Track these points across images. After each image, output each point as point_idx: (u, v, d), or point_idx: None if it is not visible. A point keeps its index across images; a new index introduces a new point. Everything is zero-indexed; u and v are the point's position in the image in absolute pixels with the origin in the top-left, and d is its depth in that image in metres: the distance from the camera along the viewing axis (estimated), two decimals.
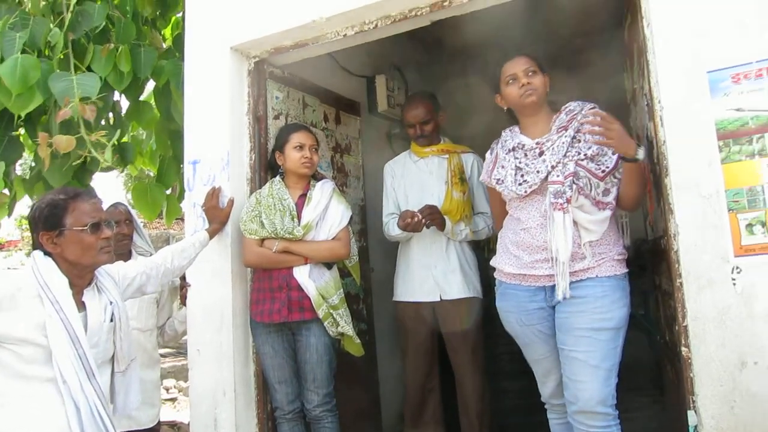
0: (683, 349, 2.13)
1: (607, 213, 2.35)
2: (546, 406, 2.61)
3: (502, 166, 2.54)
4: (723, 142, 2.07)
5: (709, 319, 2.06)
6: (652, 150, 2.42)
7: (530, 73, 2.47)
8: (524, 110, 2.52)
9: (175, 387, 7.02)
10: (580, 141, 2.38)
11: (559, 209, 2.30)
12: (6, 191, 4.31)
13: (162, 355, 3.67)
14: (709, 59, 2.12)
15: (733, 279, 2.02)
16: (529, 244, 2.43)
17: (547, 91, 2.52)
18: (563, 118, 2.45)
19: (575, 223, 2.32)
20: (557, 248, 2.31)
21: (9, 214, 4.41)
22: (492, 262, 2.62)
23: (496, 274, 2.61)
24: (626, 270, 2.40)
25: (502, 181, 2.51)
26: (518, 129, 2.59)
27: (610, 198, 2.36)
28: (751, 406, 2.00)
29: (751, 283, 2.00)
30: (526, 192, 2.43)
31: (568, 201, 2.28)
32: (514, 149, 2.52)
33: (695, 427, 2.09)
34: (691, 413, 2.10)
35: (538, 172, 2.40)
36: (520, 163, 2.48)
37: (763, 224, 1.99)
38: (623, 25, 2.98)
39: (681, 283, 2.13)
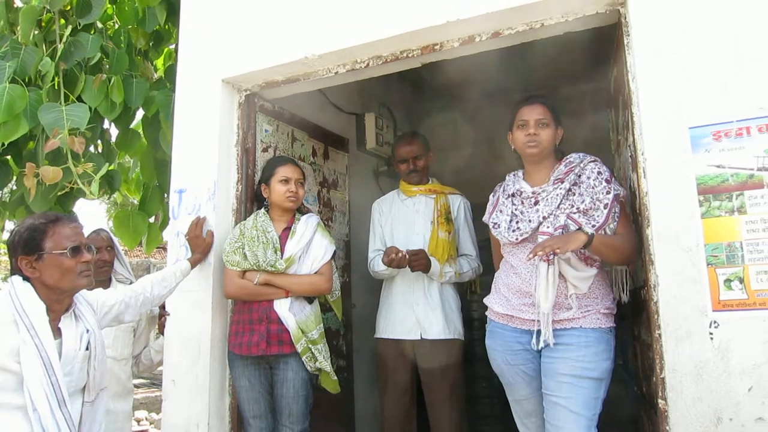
0: (660, 401, 2.13)
1: (593, 271, 2.36)
2: None
3: (501, 211, 2.58)
4: (703, 197, 2.10)
5: (686, 372, 2.06)
6: (635, 201, 2.45)
7: (541, 125, 2.50)
8: (526, 157, 2.57)
9: (146, 419, 6.90)
10: (574, 194, 2.41)
11: (545, 260, 2.31)
12: None
13: (135, 386, 3.61)
14: (691, 115, 2.16)
15: (711, 333, 2.03)
16: (519, 288, 2.46)
17: (556, 144, 2.55)
18: (561, 170, 2.48)
19: (562, 275, 2.34)
20: (539, 298, 2.33)
21: None
22: (485, 301, 2.65)
23: (487, 313, 2.64)
24: (612, 325, 2.41)
25: (499, 225, 2.56)
26: (521, 174, 2.63)
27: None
28: None
29: (727, 338, 2.01)
30: (517, 239, 2.46)
31: (555, 253, 2.29)
32: (513, 195, 2.57)
33: None
34: None
35: (530, 221, 2.44)
36: (516, 209, 2.52)
37: (741, 280, 2.01)
38: (609, 76, 3.03)
39: (659, 335, 2.14)
